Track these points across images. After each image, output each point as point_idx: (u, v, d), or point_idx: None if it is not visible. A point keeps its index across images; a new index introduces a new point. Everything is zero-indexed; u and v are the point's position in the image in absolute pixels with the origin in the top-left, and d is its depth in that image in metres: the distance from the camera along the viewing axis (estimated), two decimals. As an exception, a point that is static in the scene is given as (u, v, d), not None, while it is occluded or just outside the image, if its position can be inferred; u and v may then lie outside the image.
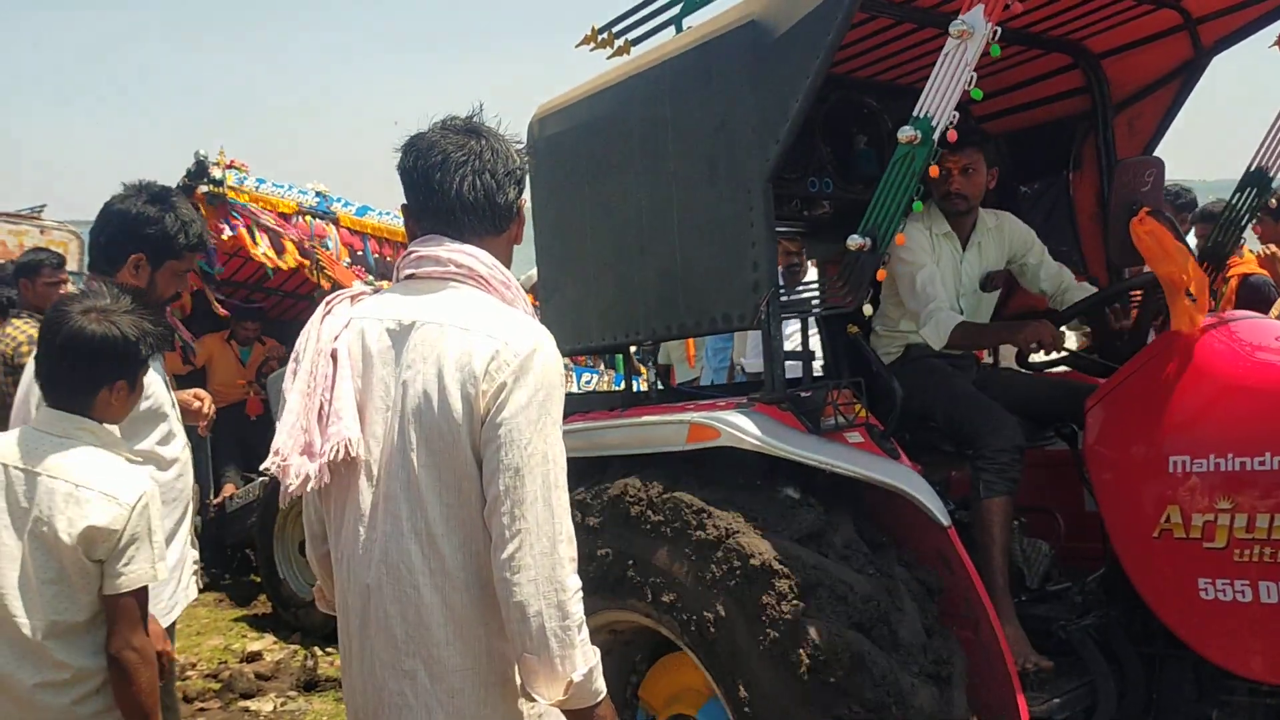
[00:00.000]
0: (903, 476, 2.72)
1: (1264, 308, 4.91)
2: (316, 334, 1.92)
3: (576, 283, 3.51)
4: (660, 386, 5.77)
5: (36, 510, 2.25)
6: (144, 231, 2.98)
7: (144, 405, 2.76)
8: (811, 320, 3.63)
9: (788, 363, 2.93)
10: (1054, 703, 2.79)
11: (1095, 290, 3.48)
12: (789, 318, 2.94)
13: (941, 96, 2.48)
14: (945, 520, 2.71)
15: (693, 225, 3.02)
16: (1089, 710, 2.90)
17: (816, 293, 2.94)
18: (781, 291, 2.87)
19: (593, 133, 3.36)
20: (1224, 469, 2.60)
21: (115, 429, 2.51)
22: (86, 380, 2.40)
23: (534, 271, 3.78)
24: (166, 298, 3.11)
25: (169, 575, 3.04)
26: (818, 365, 3.85)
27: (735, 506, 2.68)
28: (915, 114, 2.51)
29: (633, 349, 3.72)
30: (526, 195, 2.03)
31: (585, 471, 3.08)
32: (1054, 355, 3.58)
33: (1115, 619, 2.99)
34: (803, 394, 2.81)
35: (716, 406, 2.86)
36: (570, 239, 3.50)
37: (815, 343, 3.97)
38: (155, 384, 2.84)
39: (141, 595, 2.33)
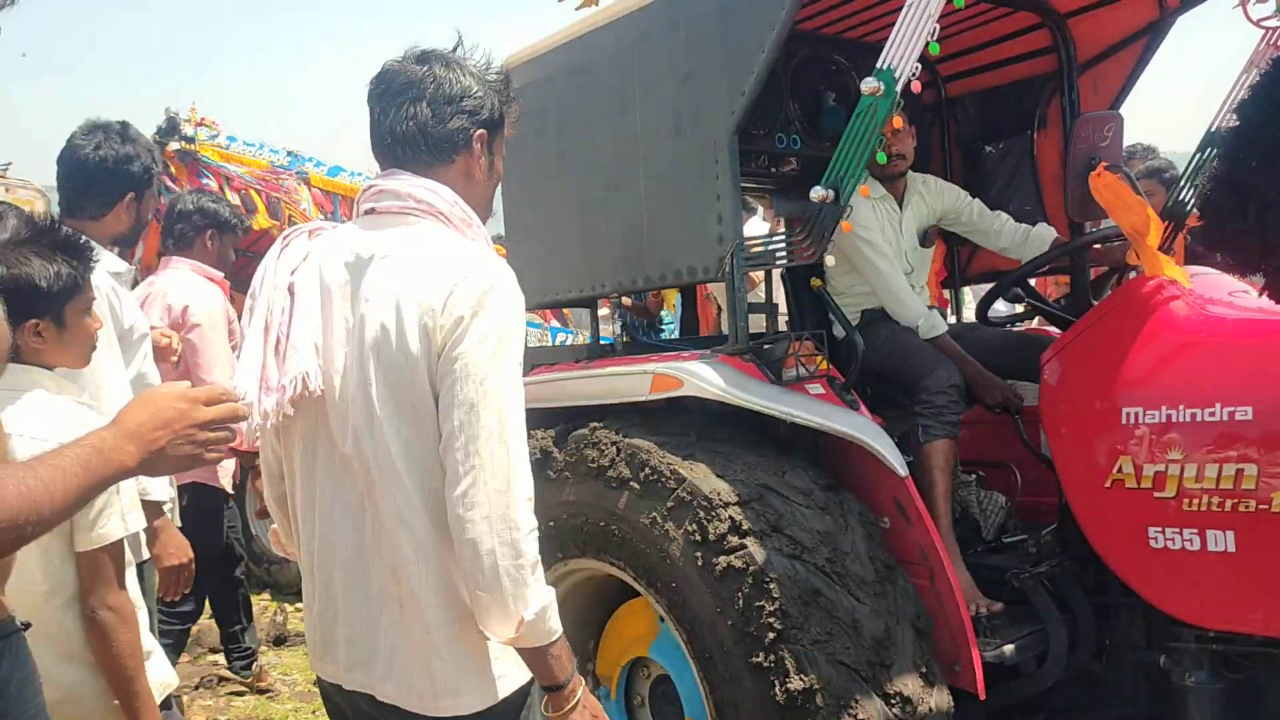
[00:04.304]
0: (861, 427, 2.75)
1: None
2: (274, 269, 1.89)
3: (543, 236, 3.50)
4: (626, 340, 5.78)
5: None
6: (128, 170, 3.18)
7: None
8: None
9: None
10: (1006, 649, 2.84)
11: (1057, 237, 3.50)
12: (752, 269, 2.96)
13: (904, 48, 2.49)
14: (903, 470, 2.74)
15: (658, 178, 3.02)
16: (1040, 656, 2.96)
17: (781, 246, 2.96)
18: (745, 244, 2.89)
19: (560, 85, 3.34)
20: (1175, 420, 2.64)
21: (57, 373, 2.34)
22: None
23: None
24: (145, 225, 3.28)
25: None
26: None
27: (696, 454, 2.71)
28: (878, 66, 2.53)
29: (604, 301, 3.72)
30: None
31: (549, 423, 3.11)
32: (1016, 310, 3.62)
33: (1068, 568, 3.04)
34: (765, 345, 2.83)
35: (680, 357, 2.88)
36: (537, 192, 3.49)
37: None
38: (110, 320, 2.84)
39: (114, 550, 2.22)
